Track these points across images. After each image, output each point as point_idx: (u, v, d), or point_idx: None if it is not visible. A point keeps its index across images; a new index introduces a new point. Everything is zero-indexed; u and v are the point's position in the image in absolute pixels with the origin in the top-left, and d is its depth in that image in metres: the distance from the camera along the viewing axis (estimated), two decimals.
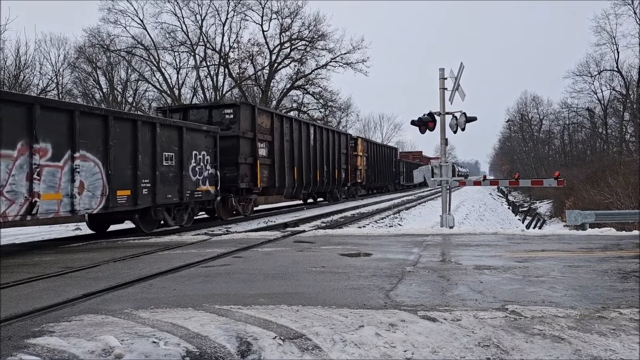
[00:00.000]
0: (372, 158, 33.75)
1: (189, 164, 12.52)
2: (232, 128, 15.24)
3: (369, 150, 32.82)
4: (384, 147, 40.15)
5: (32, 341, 3.42)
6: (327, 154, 23.79)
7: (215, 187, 13.71)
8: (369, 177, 32.52)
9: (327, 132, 24.35)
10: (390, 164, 40.72)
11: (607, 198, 21.33)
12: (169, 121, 12.28)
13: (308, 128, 21.52)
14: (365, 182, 31.54)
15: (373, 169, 34.07)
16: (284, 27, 40.34)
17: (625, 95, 43.54)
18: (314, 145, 21.85)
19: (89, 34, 38.31)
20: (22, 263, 7.31)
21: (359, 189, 31.45)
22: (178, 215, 12.49)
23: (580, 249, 7.78)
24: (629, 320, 3.83)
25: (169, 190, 11.82)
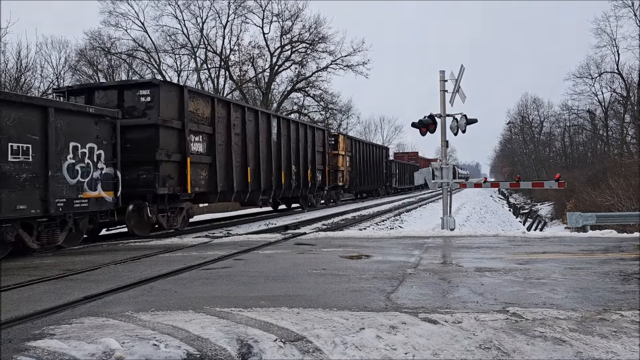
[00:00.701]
0: (357, 158, 30.42)
1: (63, 161, 8.99)
2: (148, 114, 11.60)
3: (353, 149, 29.61)
4: (373, 146, 36.36)
5: (33, 344, 3.42)
6: (297, 152, 20.23)
7: (114, 192, 10.13)
8: (353, 180, 29.35)
9: (297, 126, 20.55)
10: (380, 165, 37.24)
11: (608, 200, 21.31)
12: (18, 97, 8.67)
13: (269, 120, 17.61)
14: (349, 185, 28.45)
15: (359, 170, 30.79)
16: (284, 29, 40.44)
17: (625, 97, 43.55)
18: (278, 141, 18.26)
19: (90, 36, 38.41)
20: (23, 266, 7.31)
21: (340, 193, 28.02)
22: (46, 234, 8.90)
23: (581, 250, 7.77)
24: (630, 322, 3.82)
25: (22, 198, 8.19)
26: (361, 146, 32.15)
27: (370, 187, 34.44)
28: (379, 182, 36.40)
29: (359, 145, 31.65)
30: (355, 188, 30.63)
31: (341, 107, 47.03)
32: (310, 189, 21.88)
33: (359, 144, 31.85)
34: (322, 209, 23.92)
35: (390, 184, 41.23)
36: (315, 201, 23.70)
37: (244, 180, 15.67)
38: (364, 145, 33.08)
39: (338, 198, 27.46)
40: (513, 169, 78.49)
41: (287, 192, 19.51)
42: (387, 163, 39.95)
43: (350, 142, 29.03)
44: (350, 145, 28.99)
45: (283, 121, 19.33)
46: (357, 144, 31.18)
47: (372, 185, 34.64)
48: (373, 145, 36.93)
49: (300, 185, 20.52)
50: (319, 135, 23.37)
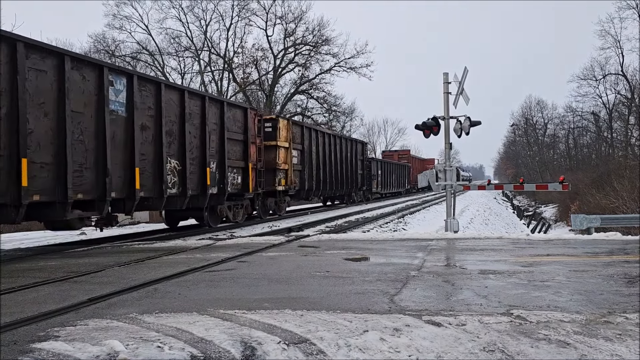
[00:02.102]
0: (314, 153, 22.71)
1: None
2: None
3: (307, 141, 21.82)
4: (341, 139, 27.75)
5: (38, 345, 3.43)
6: (180, 137, 12.66)
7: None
8: (305, 183, 21.57)
9: (182, 96, 12.63)
10: (353, 163, 28.89)
11: (613, 202, 21.25)
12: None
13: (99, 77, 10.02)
14: (299, 189, 20.98)
15: (316, 169, 22.88)
16: (288, 32, 40.57)
17: (630, 99, 43.42)
18: (124, 116, 10.84)
19: (95, 39, 38.66)
20: (28, 268, 7.34)
21: (284, 202, 19.95)
22: None
23: (585, 253, 7.75)
24: (635, 325, 3.81)
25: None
26: (321, 138, 23.97)
27: (336, 191, 26.43)
28: (350, 185, 28.45)
29: (316, 136, 23.23)
30: (310, 194, 22.66)
31: (344, 109, 47.04)
32: (214, 198, 14.17)
33: (316, 134, 23.42)
34: (247, 226, 16.27)
35: (370, 188, 33.41)
36: (233, 215, 15.57)
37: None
38: (326, 138, 24.81)
39: (280, 208, 19.69)
40: (517, 171, 78.32)
41: (157, 203, 11.98)
42: (365, 162, 31.71)
43: (300, 131, 21.23)
44: (301, 135, 21.14)
45: (139, 82, 11.23)
46: (313, 134, 22.87)
47: (340, 189, 26.70)
48: (341, 137, 28.26)
49: (187, 190, 12.66)
50: (234, 115, 15.13)
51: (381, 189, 37.47)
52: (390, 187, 41.13)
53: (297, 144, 20.85)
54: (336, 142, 26.17)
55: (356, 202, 30.86)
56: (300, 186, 21.06)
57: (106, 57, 37.82)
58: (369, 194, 33.97)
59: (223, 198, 14.60)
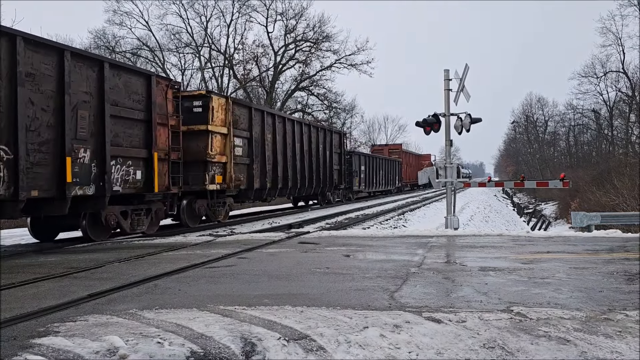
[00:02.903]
0: (271, 143, 17.62)
1: None
2: None
3: (257, 126, 16.64)
4: (310, 127, 21.92)
5: (38, 341, 3.43)
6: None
7: None
8: (256, 180, 16.39)
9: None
10: (327, 157, 23.59)
11: (613, 200, 21.24)
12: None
13: None
14: (246, 187, 15.99)
15: (275, 164, 17.84)
16: (288, 28, 40.48)
17: (631, 96, 43.36)
18: None
19: (95, 35, 38.60)
20: (28, 264, 7.34)
21: (221, 205, 15.00)
22: None
23: (585, 250, 7.75)
24: (635, 322, 3.81)
25: None
26: (280, 124, 18.47)
27: (304, 190, 21.14)
28: (324, 183, 23.24)
29: (272, 121, 17.85)
30: (263, 194, 17.39)
31: (345, 106, 46.94)
32: (91, 202, 9.92)
33: (273, 119, 17.91)
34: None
35: (350, 186, 28.88)
36: (108, 227, 10.60)
37: None
38: (288, 125, 19.19)
39: (217, 213, 14.83)
40: (517, 169, 78.31)
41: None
42: (344, 155, 26.66)
43: (247, 115, 16.01)
44: (249, 119, 15.99)
45: None
46: (268, 119, 17.41)
47: (309, 188, 21.43)
48: (311, 125, 22.46)
49: (23, 191, 8.21)
50: (127, 83, 10.78)
51: (366, 187, 32.75)
52: (378, 185, 36.21)
53: (243, 130, 15.65)
54: (303, 131, 20.63)
55: (333, 202, 26.14)
56: (247, 184, 15.99)
57: (107, 53, 37.79)
58: (350, 193, 29.56)
59: (104, 201, 9.98)
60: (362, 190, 32.02)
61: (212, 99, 14.16)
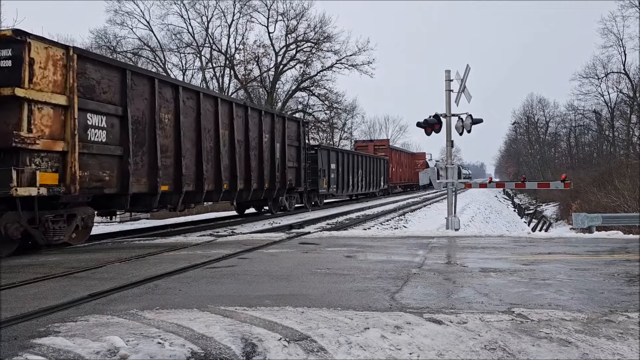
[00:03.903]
0: (172, 127, 12.17)
1: None
2: None
3: (146, 100, 11.24)
4: (246, 109, 15.98)
5: (38, 341, 3.43)
6: None
7: None
8: (136, 181, 10.76)
9: None
10: (276, 152, 17.86)
11: (614, 201, 21.23)
12: None
13: None
14: (117, 191, 10.29)
15: (178, 156, 12.27)
16: (289, 28, 40.51)
17: (632, 97, 43.37)
18: None
19: (96, 35, 38.67)
20: (28, 263, 7.34)
21: (55, 221, 8.92)
22: None
23: (587, 252, 7.74)
24: (636, 324, 3.80)
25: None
26: (186, 100, 12.79)
27: (235, 195, 15.15)
28: (273, 185, 17.50)
29: (170, 94, 12.23)
30: (152, 201, 11.61)
31: (346, 106, 46.91)
32: None
33: (172, 92, 12.27)
34: None
35: (315, 189, 23.28)
36: None
37: None
38: (201, 101, 13.30)
39: (52, 235, 8.93)
40: (518, 170, 78.28)
41: None
42: (304, 150, 20.39)
43: (118, 80, 10.42)
44: (121, 88, 10.46)
45: None
46: (163, 91, 11.90)
47: (247, 191, 15.72)
48: (243, 106, 16.08)
49: None
50: None
51: (339, 189, 26.71)
52: (356, 186, 29.82)
53: (108, 103, 10.12)
54: (234, 114, 14.67)
55: (290, 209, 20.53)
56: (119, 187, 10.37)
57: (108, 53, 37.80)
58: (316, 196, 24.15)
59: None
60: (332, 193, 26.06)
61: (31, 47, 8.28)
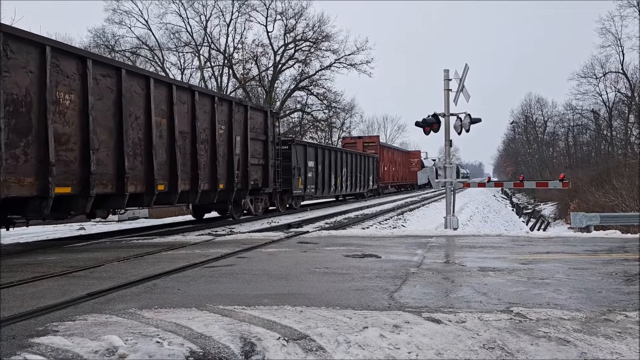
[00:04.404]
0: (77, 111, 8.83)
1: None
2: None
3: (34, 75, 8.02)
4: (189, 92, 12.41)
5: (36, 340, 3.42)
6: None
7: None
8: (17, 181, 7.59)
9: None
10: (235, 147, 14.48)
11: (612, 200, 21.27)
12: None
13: None
14: None
15: (82, 150, 8.95)
16: (288, 28, 40.44)
17: (630, 97, 43.44)
18: None
19: (94, 34, 38.50)
20: (27, 262, 7.32)
21: None
22: None
23: (585, 251, 7.75)
24: (634, 323, 3.81)
25: None
26: (100, 79, 9.46)
27: (172, 197, 11.76)
28: (231, 186, 14.33)
29: (73, 69, 8.75)
30: (39, 207, 8.35)
31: (344, 105, 46.87)
32: None
33: (76, 65, 8.81)
34: None
35: (289, 190, 20.30)
36: None
37: None
38: (123, 81, 9.99)
39: None
40: (516, 169, 78.37)
41: None
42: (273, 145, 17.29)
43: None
44: None
45: None
46: (61, 63, 8.51)
47: (194, 193, 12.62)
48: (188, 89, 12.64)
49: None
50: None
51: (318, 190, 23.31)
52: (340, 187, 26.26)
53: None
54: (175, 100, 11.67)
55: (256, 212, 17.29)
56: None
57: (106, 52, 37.72)
58: (290, 198, 20.94)
59: None
60: (310, 194, 22.83)
61: None
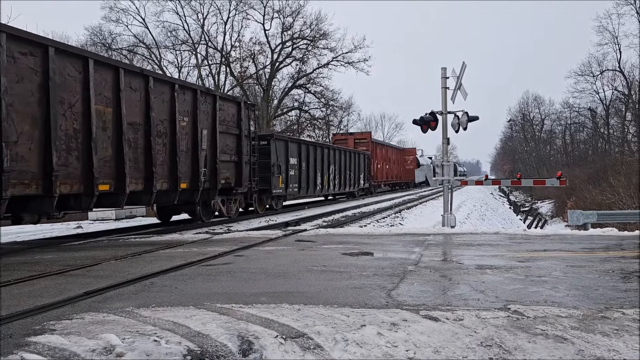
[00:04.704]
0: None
1: None
2: None
3: None
4: (142, 78, 10.84)
5: (34, 339, 3.41)
6: None
7: None
8: None
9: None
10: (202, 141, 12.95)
11: (609, 198, 21.32)
12: None
13: None
14: None
15: None
16: (285, 26, 40.37)
17: (627, 95, 43.53)
18: None
19: (91, 32, 38.36)
20: (24, 261, 7.31)
21: None
22: None
23: (582, 249, 7.76)
24: (632, 320, 3.81)
25: None
26: (25, 55, 7.88)
27: (116, 199, 10.27)
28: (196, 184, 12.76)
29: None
30: None
31: (342, 104, 46.82)
32: None
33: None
34: None
35: (268, 190, 18.23)
36: None
37: None
38: (53, 62, 8.32)
39: None
40: (514, 167, 78.51)
41: None
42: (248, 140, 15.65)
43: None
44: None
45: None
46: None
47: (147, 194, 11.04)
48: (141, 74, 11.00)
49: None
50: None
51: (301, 189, 21.36)
52: (326, 186, 24.53)
53: None
54: (121, 85, 10.17)
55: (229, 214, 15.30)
56: None
57: (103, 50, 37.60)
58: (269, 198, 18.62)
59: None
60: (292, 193, 20.88)
61: None
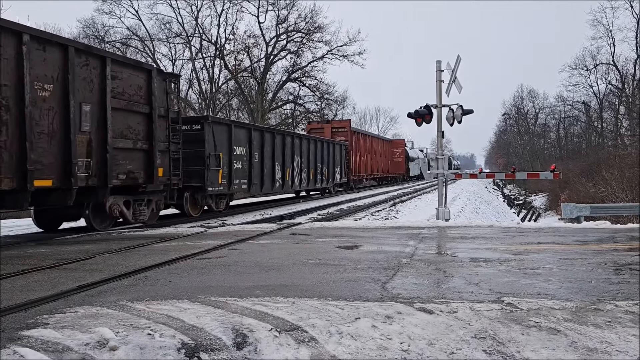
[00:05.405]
0: None
1: None
2: None
3: None
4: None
5: (26, 333, 3.39)
6: None
7: None
8: None
9: None
10: (93, 124, 9.05)
11: (602, 191, 21.45)
12: None
13: None
14: None
15: None
16: (280, 18, 40.25)
17: (620, 89, 43.73)
18: None
19: (84, 24, 38.10)
20: (16, 255, 7.27)
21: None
22: None
23: (575, 241, 7.80)
24: (624, 312, 3.84)
25: None
26: None
27: None
28: (84, 180, 9.00)
29: None
30: None
31: (337, 97, 46.75)
32: None
33: None
34: None
35: (202, 187, 14.09)
36: None
37: None
38: None
39: None
40: (508, 160, 78.77)
41: None
42: (164, 121, 11.21)
43: None
44: None
45: None
46: None
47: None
48: (18, 32, 7.59)
49: None
50: None
51: (253, 186, 17.09)
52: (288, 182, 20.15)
53: None
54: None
55: (136, 221, 11.00)
56: None
57: (96, 43, 37.31)
58: (203, 197, 14.48)
59: None
60: (240, 191, 17.08)
61: None
